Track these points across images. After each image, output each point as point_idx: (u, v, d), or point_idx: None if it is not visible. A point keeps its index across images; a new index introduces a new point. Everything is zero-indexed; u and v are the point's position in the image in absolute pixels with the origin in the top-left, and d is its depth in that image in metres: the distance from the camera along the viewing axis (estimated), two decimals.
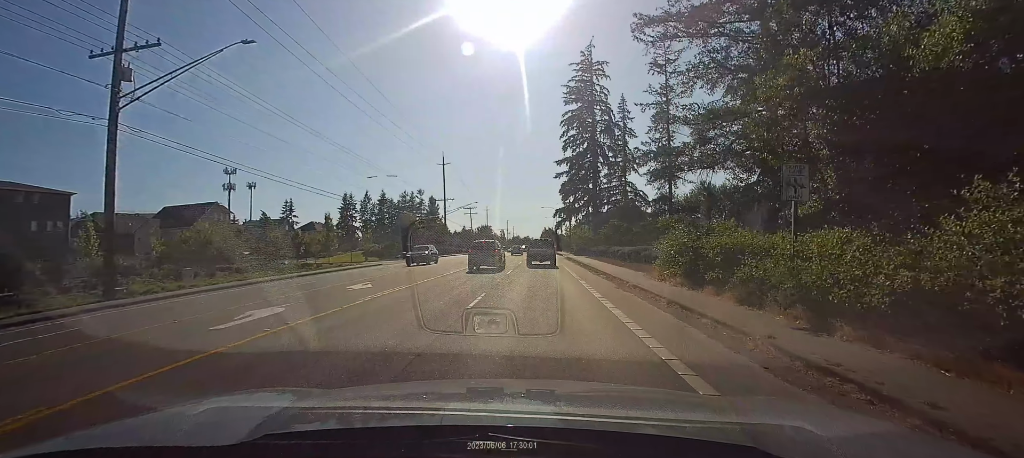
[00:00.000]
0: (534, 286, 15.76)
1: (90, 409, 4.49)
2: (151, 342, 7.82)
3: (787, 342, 6.19)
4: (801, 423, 1.39)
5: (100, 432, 1.50)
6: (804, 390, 4.68)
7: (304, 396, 2.08)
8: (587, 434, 1.30)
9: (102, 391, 4.97)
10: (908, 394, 4.08)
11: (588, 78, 51.60)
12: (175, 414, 1.69)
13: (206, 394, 2.37)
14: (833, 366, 5.01)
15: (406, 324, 8.57)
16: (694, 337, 7.22)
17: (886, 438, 1.48)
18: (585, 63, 51.48)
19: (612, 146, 52.31)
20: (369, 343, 6.95)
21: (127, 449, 1.27)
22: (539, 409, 1.81)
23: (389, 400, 2.01)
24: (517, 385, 3.69)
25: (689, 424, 1.48)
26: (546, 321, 8.72)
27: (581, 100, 51.72)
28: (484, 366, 5.64)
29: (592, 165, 52.17)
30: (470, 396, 2.22)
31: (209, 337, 7.90)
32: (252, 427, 1.26)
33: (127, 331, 9.06)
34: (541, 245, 31.38)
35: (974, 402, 3.95)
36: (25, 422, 4.18)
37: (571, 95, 52.11)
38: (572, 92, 52.09)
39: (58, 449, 1.22)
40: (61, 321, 10.60)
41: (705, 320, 8.27)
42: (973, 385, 4.36)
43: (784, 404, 3.05)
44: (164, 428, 1.56)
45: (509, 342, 6.82)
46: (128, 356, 6.96)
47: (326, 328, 8.53)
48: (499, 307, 10.96)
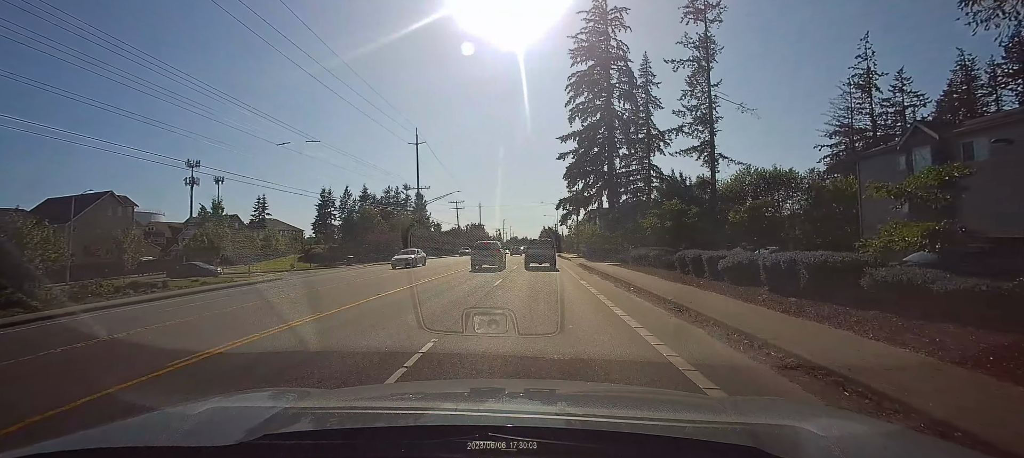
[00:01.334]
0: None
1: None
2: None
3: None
4: (801, 423, 1.38)
5: (100, 432, 1.48)
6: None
7: (304, 396, 2.05)
8: (587, 434, 1.29)
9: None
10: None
11: (602, 29, 39.30)
12: (175, 414, 1.67)
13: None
14: None
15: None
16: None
17: (886, 438, 1.46)
18: (598, 10, 39.93)
19: (633, 117, 41.27)
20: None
21: (127, 449, 1.26)
22: (539, 409, 1.80)
23: (389, 400, 2.04)
24: (517, 385, 3.65)
25: (689, 424, 1.47)
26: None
27: (593, 58, 39.39)
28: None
29: (607, 140, 40.52)
30: (470, 396, 2.18)
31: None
32: (252, 427, 1.26)
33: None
34: (539, 246, 29.30)
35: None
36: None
37: (580, 53, 39.37)
38: (581, 49, 39.97)
39: (58, 449, 1.20)
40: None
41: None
42: None
43: (785, 404, 2.99)
44: (164, 428, 1.55)
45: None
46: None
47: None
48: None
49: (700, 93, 37.41)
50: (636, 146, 40.75)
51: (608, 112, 39.61)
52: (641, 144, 40.82)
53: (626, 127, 40.31)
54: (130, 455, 1.22)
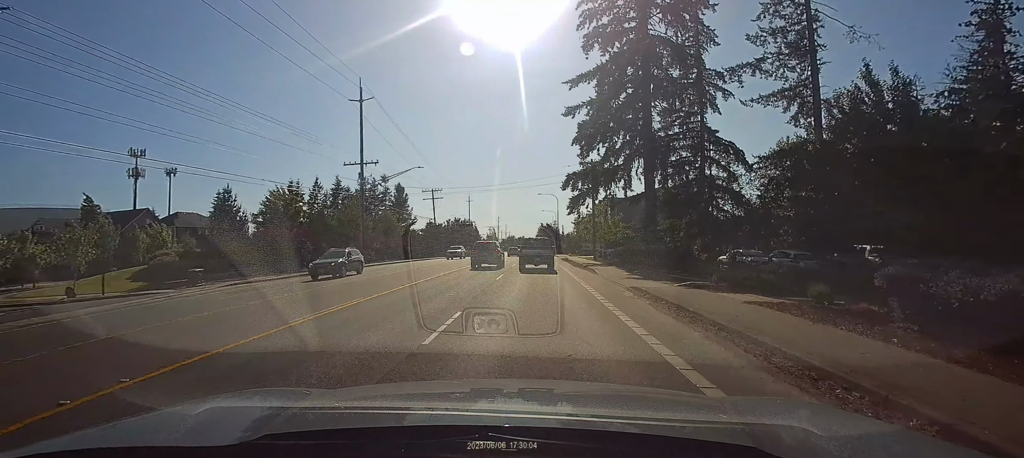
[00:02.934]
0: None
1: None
2: None
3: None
4: (801, 423, 1.38)
5: (100, 432, 1.50)
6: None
7: (304, 396, 2.04)
8: (587, 434, 1.29)
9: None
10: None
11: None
12: (175, 414, 1.67)
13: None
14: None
15: None
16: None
17: (886, 438, 1.47)
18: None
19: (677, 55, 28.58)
20: None
21: (127, 449, 1.27)
22: (539, 409, 1.80)
23: (389, 400, 2.03)
24: (517, 385, 3.66)
25: (689, 424, 1.47)
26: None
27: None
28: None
29: (642, 83, 28.51)
30: (470, 396, 2.20)
31: None
32: (252, 427, 1.27)
33: None
34: (536, 245, 26.06)
35: None
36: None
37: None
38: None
39: (58, 449, 1.20)
40: None
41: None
42: None
43: (784, 404, 3.02)
44: (164, 428, 1.55)
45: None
46: None
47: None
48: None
49: (790, 8, 24.46)
50: (684, 96, 27.99)
51: (643, 37, 26.83)
52: (688, 92, 28.05)
53: (679, 58, 27.32)
54: (130, 455, 1.23)
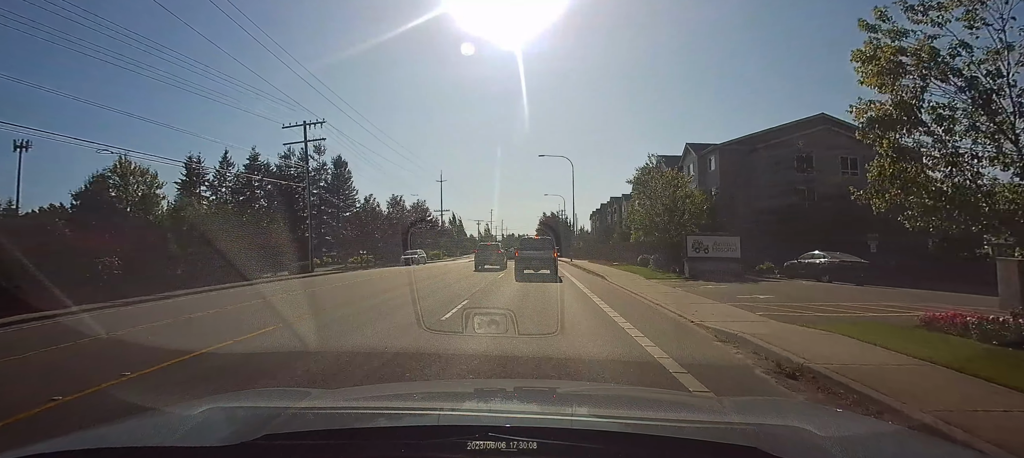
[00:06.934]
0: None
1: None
2: None
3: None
4: (801, 423, 1.39)
5: (99, 432, 1.50)
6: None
7: (304, 396, 2.02)
8: (587, 434, 1.29)
9: None
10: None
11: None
12: (175, 414, 1.67)
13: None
14: None
15: None
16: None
17: (886, 438, 1.48)
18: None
19: None
20: None
21: (127, 449, 1.26)
22: (539, 409, 1.80)
23: (389, 400, 2.02)
24: (517, 385, 3.64)
25: (689, 424, 1.48)
26: None
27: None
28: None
29: None
30: (470, 396, 2.19)
31: None
32: (252, 427, 1.26)
33: None
34: (535, 247, 23.27)
35: None
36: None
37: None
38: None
39: (58, 449, 1.20)
40: None
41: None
42: None
43: (784, 404, 3.02)
44: (164, 428, 1.54)
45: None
46: None
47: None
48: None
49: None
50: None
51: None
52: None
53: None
54: (129, 455, 1.22)
